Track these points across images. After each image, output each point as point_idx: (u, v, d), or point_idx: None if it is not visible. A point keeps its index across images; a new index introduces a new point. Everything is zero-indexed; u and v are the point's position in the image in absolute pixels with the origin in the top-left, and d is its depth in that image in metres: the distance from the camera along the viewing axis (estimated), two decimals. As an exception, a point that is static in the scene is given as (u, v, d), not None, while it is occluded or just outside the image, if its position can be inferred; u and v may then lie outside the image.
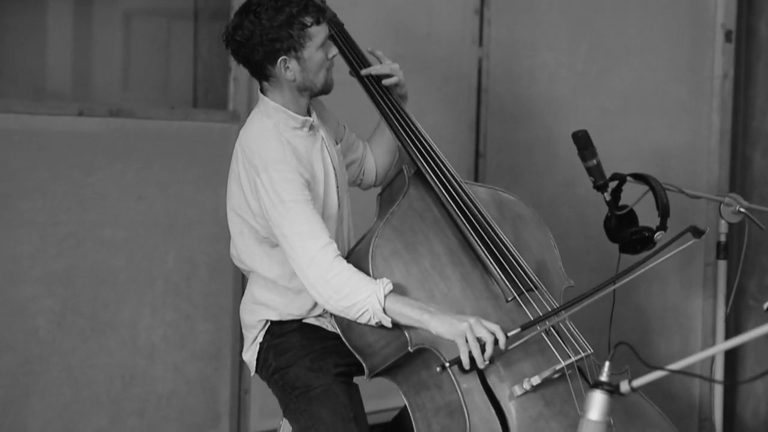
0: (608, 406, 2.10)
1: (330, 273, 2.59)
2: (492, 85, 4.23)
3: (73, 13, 4.01)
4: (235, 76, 3.73)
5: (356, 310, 2.58)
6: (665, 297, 4.54)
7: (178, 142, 3.65)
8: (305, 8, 2.69)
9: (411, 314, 2.56)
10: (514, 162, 4.30)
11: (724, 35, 4.53)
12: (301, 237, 2.62)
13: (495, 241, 2.80)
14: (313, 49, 2.72)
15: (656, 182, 3.02)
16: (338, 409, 2.74)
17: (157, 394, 3.65)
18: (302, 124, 2.80)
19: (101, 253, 3.52)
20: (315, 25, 2.70)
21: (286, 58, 2.70)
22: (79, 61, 4.00)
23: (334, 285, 2.58)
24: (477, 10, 4.21)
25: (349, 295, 2.57)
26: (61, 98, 3.85)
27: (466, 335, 2.51)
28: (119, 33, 4.06)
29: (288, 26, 2.67)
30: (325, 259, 2.59)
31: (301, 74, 2.74)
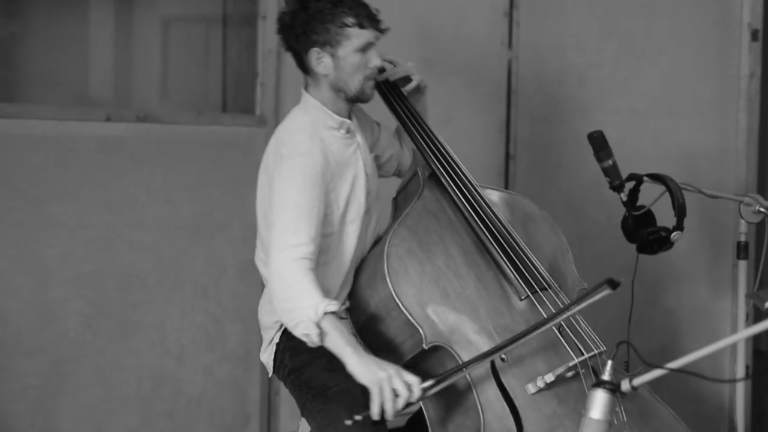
0: (610, 405, 2.10)
1: (287, 268, 2.57)
2: (521, 87, 4.23)
3: (114, 20, 4.08)
4: (263, 81, 3.77)
5: (294, 316, 2.55)
6: (693, 298, 4.50)
7: (206, 147, 3.70)
8: (351, 9, 2.71)
9: (337, 341, 2.53)
10: (543, 164, 4.30)
11: (751, 34, 4.49)
12: (283, 227, 2.62)
13: (508, 240, 2.82)
14: (349, 50, 2.73)
15: (672, 182, 3.01)
16: (355, 407, 2.74)
17: (186, 396, 3.70)
18: (339, 125, 2.81)
19: (130, 255, 3.57)
20: (356, 27, 2.71)
21: (319, 51, 2.72)
22: (119, 68, 4.07)
23: (285, 281, 2.57)
24: (506, 12, 4.21)
25: (293, 297, 2.55)
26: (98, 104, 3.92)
27: (382, 386, 2.47)
28: (156, 39, 4.12)
29: (329, 21, 2.70)
30: (291, 255, 2.58)
31: (335, 72, 2.75)
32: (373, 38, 2.76)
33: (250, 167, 3.74)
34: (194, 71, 4.18)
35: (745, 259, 3.49)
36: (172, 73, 4.14)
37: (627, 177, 3.08)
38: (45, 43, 3.87)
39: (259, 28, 3.79)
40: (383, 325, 2.72)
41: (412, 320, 2.65)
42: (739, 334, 1.83)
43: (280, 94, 3.79)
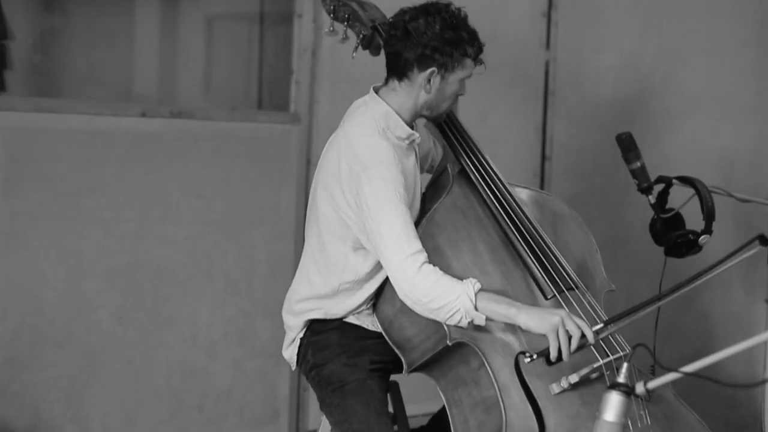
0: (624, 407, 2.09)
1: (418, 276, 2.58)
2: (559, 88, 4.22)
3: (159, 17, 4.13)
4: (297, 78, 3.80)
5: (446, 311, 2.57)
6: (729, 303, 4.46)
7: (239, 143, 3.73)
8: (473, 41, 2.74)
9: (500, 310, 2.57)
10: (579, 165, 4.28)
11: (789, 38, 4.45)
12: (397, 238, 2.62)
13: (536, 239, 2.80)
14: (456, 78, 2.74)
15: (702, 185, 2.97)
16: (371, 402, 2.76)
17: (216, 389, 3.73)
18: (408, 137, 2.79)
19: (162, 249, 3.61)
20: (471, 60, 2.74)
21: (435, 72, 2.72)
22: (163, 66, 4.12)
23: (422, 288, 2.58)
24: (545, 12, 4.21)
25: (437, 297, 2.57)
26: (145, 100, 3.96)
27: (558, 330, 2.53)
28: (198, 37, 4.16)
29: (455, 46, 2.70)
30: (415, 263, 2.59)
31: (437, 94, 2.75)
32: (473, 71, 2.79)
33: (283, 164, 3.79)
34: (233, 69, 4.22)
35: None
36: (213, 70, 4.18)
37: (656, 179, 3.05)
38: (88, 39, 3.92)
39: (295, 27, 3.81)
40: (409, 320, 2.72)
41: None
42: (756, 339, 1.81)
43: (315, 91, 3.81)
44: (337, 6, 3.11)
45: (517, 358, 2.65)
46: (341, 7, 3.11)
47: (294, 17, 3.81)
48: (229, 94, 4.19)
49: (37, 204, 3.41)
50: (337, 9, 3.12)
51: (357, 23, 3.11)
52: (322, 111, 3.82)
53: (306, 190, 3.78)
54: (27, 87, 3.85)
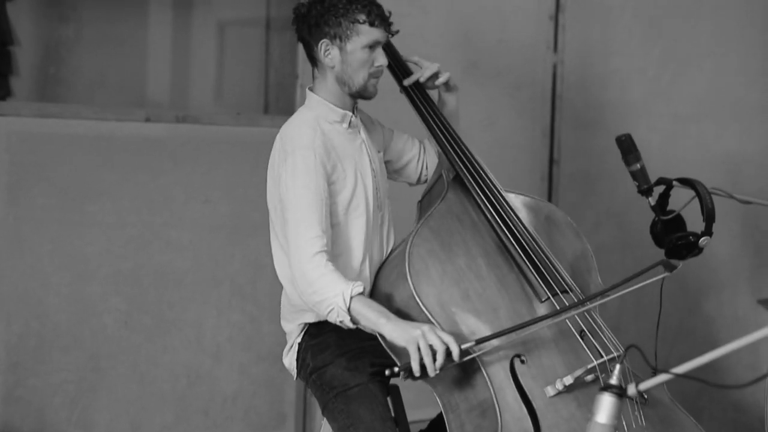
0: (617, 409, 2.07)
1: (308, 264, 2.63)
2: (566, 92, 4.21)
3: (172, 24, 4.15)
4: (302, 82, 3.79)
5: (325, 306, 2.61)
6: (735, 306, 4.43)
7: (244, 147, 3.73)
8: (364, 6, 2.76)
9: (370, 316, 2.59)
10: (587, 169, 4.27)
11: (796, 39, 4.41)
12: (295, 224, 2.67)
13: (530, 243, 2.80)
14: (357, 46, 2.77)
15: (702, 186, 2.95)
16: (376, 408, 2.75)
17: (222, 394, 3.73)
18: (342, 117, 2.85)
19: (167, 254, 3.62)
20: (367, 25, 2.76)
21: (328, 43, 2.77)
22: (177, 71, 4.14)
23: (308, 277, 2.63)
24: (552, 15, 4.19)
25: (319, 290, 2.61)
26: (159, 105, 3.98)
27: (418, 342, 2.52)
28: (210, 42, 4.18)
29: (341, 15, 2.75)
30: (309, 250, 2.63)
31: (341, 65, 2.79)
32: (381, 37, 2.80)
33: (287, 168, 3.78)
34: (241, 73, 4.23)
35: (781, 266, 3.43)
36: (223, 75, 4.19)
37: (656, 181, 3.03)
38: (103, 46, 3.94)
39: (300, 31, 3.80)
40: None
41: (432, 319, 2.65)
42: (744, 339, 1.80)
43: (320, 96, 3.80)
44: None
45: (512, 361, 2.65)
46: None
47: (299, 22, 3.80)
48: (237, 98, 4.20)
49: (42, 209, 3.43)
50: None
51: None
52: (327, 115, 3.81)
53: (311, 194, 3.78)
54: (38, 94, 3.88)
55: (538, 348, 2.66)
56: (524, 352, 2.65)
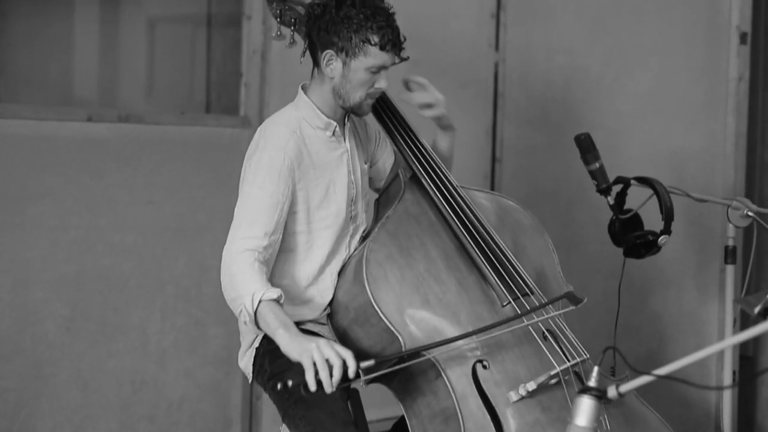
0: (596, 411, 2.06)
1: (233, 258, 2.59)
2: (509, 90, 4.20)
3: (99, 20, 4.04)
4: (247, 81, 3.73)
5: (237, 304, 2.54)
6: (681, 303, 4.49)
7: (189, 147, 3.66)
8: (380, 28, 2.67)
9: (270, 323, 2.50)
10: (530, 167, 4.27)
11: (739, 37, 4.47)
12: (239, 218, 2.65)
13: (490, 245, 2.77)
14: (362, 66, 2.69)
15: (660, 185, 2.98)
16: (337, 412, 2.71)
17: (167, 400, 3.66)
18: (326, 126, 2.78)
19: (111, 257, 3.53)
20: (378, 49, 2.67)
21: (332, 54, 2.69)
22: (104, 68, 4.03)
23: (230, 272, 2.58)
24: (493, 14, 4.19)
25: (235, 287, 2.55)
26: (84, 103, 3.88)
27: (313, 355, 2.42)
28: (141, 39, 4.08)
29: (354, 30, 2.66)
30: (240, 246, 2.59)
31: (341, 79, 2.71)
32: (389, 62, 2.71)
33: (233, 168, 3.68)
34: (179, 71, 4.15)
35: (733, 263, 3.47)
36: (156, 73, 4.10)
37: (614, 180, 3.05)
38: (28, 43, 3.82)
39: (244, 28, 3.74)
40: (363, 331, 2.68)
41: (391, 328, 2.61)
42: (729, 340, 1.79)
43: (265, 94, 3.75)
44: (283, 10, 3.08)
45: (475, 366, 2.62)
46: (287, 11, 3.08)
47: (243, 19, 3.74)
48: (175, 97, 4.12)
49: (-19, 212, 3.32)
50: (283, 13, 3.09)
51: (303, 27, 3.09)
52: (273, 114, 3.75)
53: (257, 195, 3.72)
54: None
55: (501, 353, 2.64)
56: (487, 357, 2.62)
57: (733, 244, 3.43)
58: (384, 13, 2.70)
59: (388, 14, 2.71)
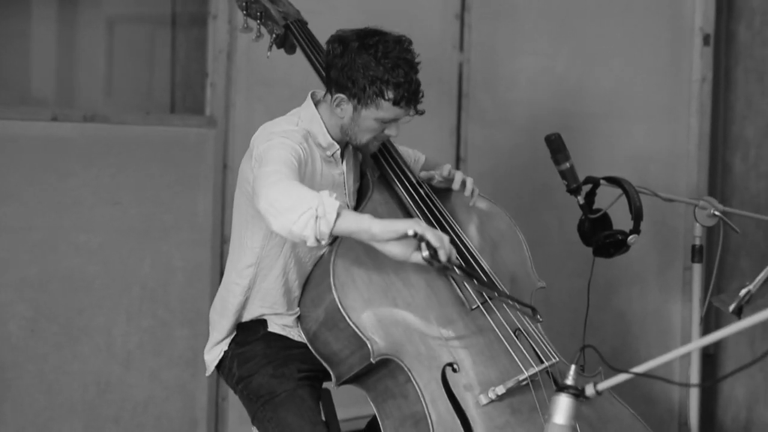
0: (574, 409, 2.07)
1: (282, 181, 2.41)
2: (473, 90, 4.22)
3: (57, 19, 4.00)
4: (212, 81, 3.71)
5: (299, 208, 2.33)
6: (645, 302, 4.52)
7: (154, 148, 3.63)
8: (397, 85, 2.58)
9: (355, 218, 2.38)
10: (495, 167, 4.28)
11: (702, 39, 4.51)
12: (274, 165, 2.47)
13: (459, 247, 2.76)
14: (371, 115, 2.62)
15: (629, 185, 3.00)
16: (305, 413, 2.70)
17: (133, 401, 3.63)
18: (328, 146, 2.72)
19: (76, 258, 3.50)
20: (391, 104, 2.60)
21: (345, 99, 2.62)
22: (62, 67, 4.00)
23: (282, 188, 2.38)
24: (458, 14, 4.19)
25: (293, 194, 2.36)
26: (42, 103, 3.84)
27: (415, 228, 2.35)
28: (101, 39, 4.05)
29: (371, 82, 2.58)
30: (285, 173, 2.44)
31: (350, 122, 2.66)
32: (402, 116, 2.65)
33: (199, 168, 3.70)
34: (141, 71, 4.12)
35: (700, 262, 3.50)
36: (118, 73, 4.07)
37: (584, 180, 3.07)
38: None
39: (210, 28, 3.72)
40: (333, 335, 2.66)
41: (359, 333, 2.59)
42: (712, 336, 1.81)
43: (231, 94, 3.73)
44: (249, 2, 3.07)
45: (444, 370, 2.62)
46: (253, 3, 3.07)
47: (209, 18, 3.72)
48: (139, 97, 4.09)
49: (-57, 213, 3.28)
50: (249, 6, 3.08)
51: (270, 21, 3.08)
52: (239, 114, 3.74)
53: (223, 195, 3.71)
54: None
55: (471, 355, 2.64)
56: (456, 360, 2.62)
57: (700, 243, 3.47)
58: (406, 65, 2.61)
59: (410, 67, 2.62)
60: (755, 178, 4.42)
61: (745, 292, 2.31)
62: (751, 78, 4.46)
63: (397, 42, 2.64)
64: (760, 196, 4.38)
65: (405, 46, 2.64)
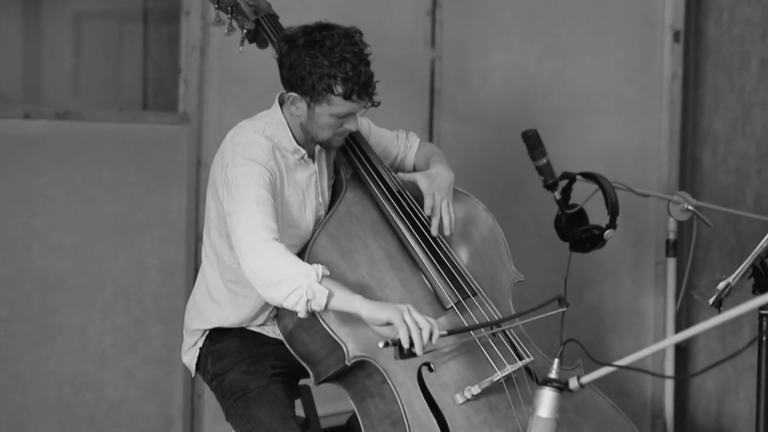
0: (558, 402, 2.09)
1: (263, 246, 2.47)
2: (444, 87, 4.23)
3: (21, 14, 3.97)
4: (185, 77, 3.70)
5: (286, 286, 2.42)
6: (618, 296, 4.56)
7: (127, 145, 3.61)
8: (345, 79, 2.54)
9: (344, 296, 2.45)
10: (467, 162, 4.29)
11: (673, 35, 4.55)
12: (251, 213, 2.51)
13: (431, 246, 2.75)
14: (325, 111, 2.59)
15: (605, 181, 3.03)
16: (276, 408, 2.70)
17: (108, 400, 3.61)
18: (294, 152, 2.70)
19: (49, 257, 3.47)
20: (342, 98, 2.56)
21: (298, 97, 2.60)
22: (28, 63, 3.96)
23: (266, 257, 2.46)
24: (429, 11, 4.20)
25: (280, 269, 2.44)
26: (9, 100, 3.81)
27: (404, 316, 2.41)
28: (68, 34, 4.02)
29: (317, 78, 2.54)
30: (264, 236, 2.48)
31: (306, 119, 2.63)
32: (356, 109, 2.62)
33: (173, 165, 3.69)
34: (113, 68, 4.09)
35: (674, 256, 3.54)
36: (88, 69, 4.04)
37: (560, 176, 3.09)
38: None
39: (183, 24, 3.70)
40: (309, 336, 2.65)
41: (333, 336, 2.58)
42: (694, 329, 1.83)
43: (204, 90, 3.72)
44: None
45: (420, 370, 2.62)
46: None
47: (181, 14, 3.70)
48: (109, 94, 4.06)
49: None
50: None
51: (240, 16, 3.07)
52: (212, 111, 3.73)
53: (197, 192, 3.70)
54: None
55: (446, 354, 2.64)
56: (432, 359, 2.62)
57: (674, 238, 3.50)
58: (354, 58, 2.56)
59: (358, 59, 2.57)
60: (724, 172, 4.47)
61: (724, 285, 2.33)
62: (719, 74, 4.50)
63: (344, 35, 2.60)
64: (728, 190, 4.43)
65: (352, 39, 2.61)
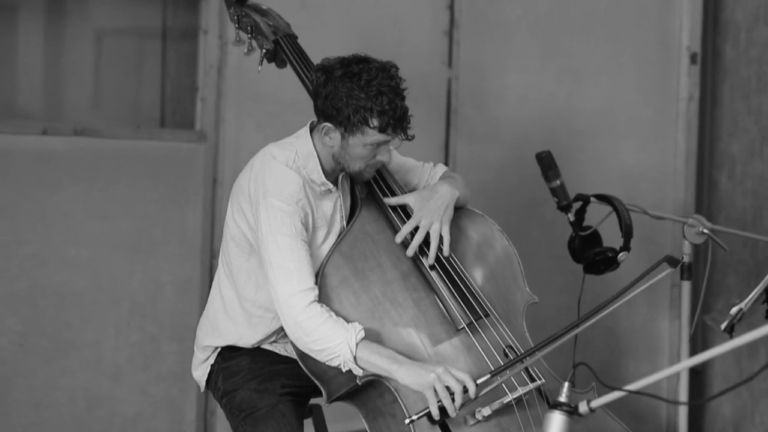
0: (568, 426, 2.08)
1: (302, 315, 2.55)
2: (461, 106, 4.23)
3: (44, 31, 4.00)
4: (203, 96, 3.72)
5: (326, 354, 2.55)
6: (633, 318, 4.53)
7: (144, 162, 3.64)
8: (381, 112, 2.57)
9: (380, 364, 2.53)
10: (483, 183, 4.29)
11: (690, 57, 4.54)
12: (287, 272, 2.57)
13: (445, 267, 2.75)
14: (359, 143, 2.61)
15: (619, 203, 3.03)
16: (283, 428, 2.71)
17: (122, 416, 3.62)
18: (321, 184, 2.72)
19: (65, 272, 3.50)
20: (377, 131, 2.59)
21: (332, 128, 2.62)
22: (49, 80, 3.99)
23: (305, 328, 2.55)
24: (446, 31, 4.21)
25: (319, 340, 2.54)
26: (29, 117, 3.83)
27: (435, 386, 2.48)
28: (89, 52, 4.05)
29: (353, 110, 2.56)
30: (302, 301, 2.55)
31: (340, 150, 2.65)
32: (389, 140, 2.64)
33: (189, 183, 3.71)
34: (131, 85, 4.12)
35: (689, 279, 3.51)
36: (107, 86, 4.07)
37: (574, 197, 3.08)
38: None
39: (201, 43, 3.73)
40: None
41: None
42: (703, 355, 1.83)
43: (221, 109, 3.74)
44: (240, 16, 3.09)
45: None
46: (244, 18, 3.08)
47: (200, 33, 3.73)
48: (128, 111, 4.09)
49: (-67, 226, 3.27)
50: (241, 19, 3.10)
51: (260, 36, 3.09)
52: (229, 129, 3.75)
53: (213, 210, 3.72)
54: None
55: None
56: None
57: (689, 261, 3.48)
58: (390, 93, 2.58)
59: (394, 94, 2.60)
60: (741, 195, 4.45)
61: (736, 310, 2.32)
62: (736, 96, 4.49)
63: (381, 69, 2.61)
64: (746, 212, 4.41)
65: (389, 73, 2.62)
